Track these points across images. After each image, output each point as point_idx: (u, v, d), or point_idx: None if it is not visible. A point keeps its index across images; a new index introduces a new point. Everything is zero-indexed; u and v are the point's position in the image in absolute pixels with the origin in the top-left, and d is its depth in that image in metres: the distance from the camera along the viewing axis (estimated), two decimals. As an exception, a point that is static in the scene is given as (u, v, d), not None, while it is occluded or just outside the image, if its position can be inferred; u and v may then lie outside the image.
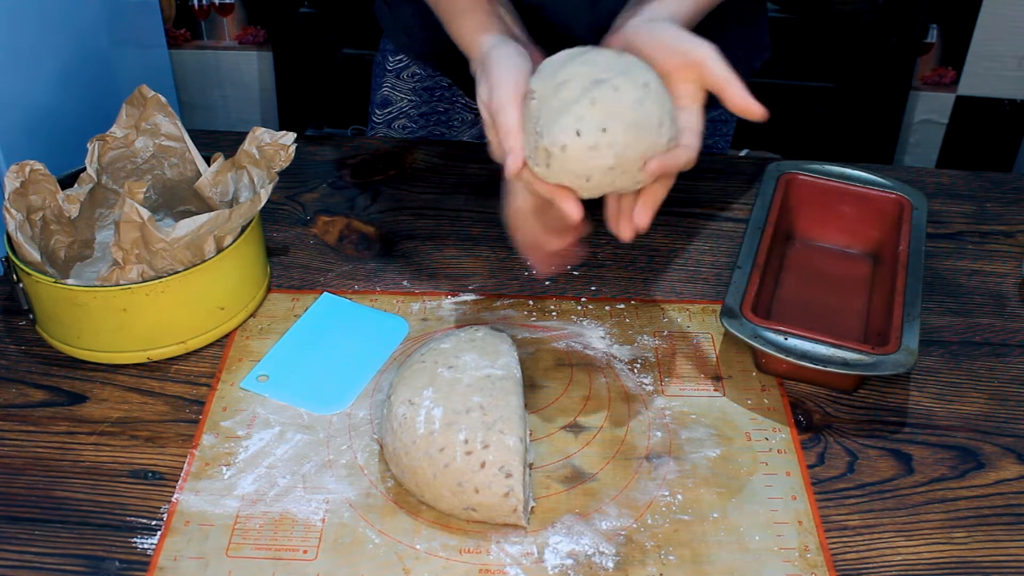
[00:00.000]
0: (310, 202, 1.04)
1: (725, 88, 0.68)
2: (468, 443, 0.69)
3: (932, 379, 0.85)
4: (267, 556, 0.68)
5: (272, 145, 0.88)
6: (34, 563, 0.68)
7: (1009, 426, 0.80)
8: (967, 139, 2.23)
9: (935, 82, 2.17)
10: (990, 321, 0.91)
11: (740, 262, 0.87)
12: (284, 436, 0.77)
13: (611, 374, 0.84)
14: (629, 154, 0.67)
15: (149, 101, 0.91)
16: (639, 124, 0.67)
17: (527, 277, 0.94)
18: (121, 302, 0.79)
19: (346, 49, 2.20)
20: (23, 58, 1.26)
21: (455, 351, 0.75)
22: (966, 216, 1.05)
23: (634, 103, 0.67)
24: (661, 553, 0.69)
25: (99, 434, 0.77)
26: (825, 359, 0.78)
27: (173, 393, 0.81)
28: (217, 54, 2.24)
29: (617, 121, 0.67)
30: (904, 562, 0.70)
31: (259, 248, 0.89)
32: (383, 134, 1.20)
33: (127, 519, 0.71)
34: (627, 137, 0.67)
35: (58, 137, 1.31)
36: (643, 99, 0.67)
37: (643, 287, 0.94)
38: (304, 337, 0.87)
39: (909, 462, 0.77)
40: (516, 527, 0.70)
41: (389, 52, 1.16)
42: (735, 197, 1.07)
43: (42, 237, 0.85)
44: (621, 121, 0.67)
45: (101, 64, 1.49)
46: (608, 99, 0.67)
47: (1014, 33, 2.09)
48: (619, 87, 0.67)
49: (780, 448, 0.78)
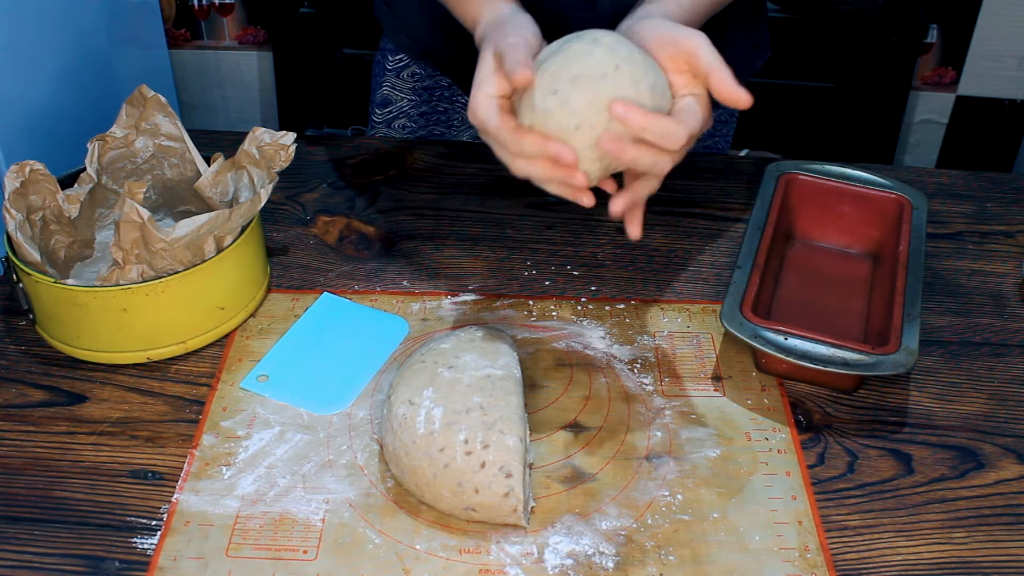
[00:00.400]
0: (310, 202, 1.04)
1: (712, 74, 0.68)
2: (468, 443, 0.69)
3: (932, 379, 0.85)
4: (267, 556, 0.68)
5: (272, 145, 0.88)
6: (34, 563, 0.68)
7: (1009, 426, 0.80)
8: (967, 139, 2.23)
9: (935, 82, 2.18)
10: (990, 321, 0.91)
11: (740, 262, 0.87)
12: (284, 436, 0.77)
13: (611, 374, 0.84)
14: (590, 112, 0.67)
15: (149, 101, 0.91)
16: (604, 82, 0.67)
17: (527, 277, 0.94)
18: (121, 302, 0.79)
19: (346, 49, 2.21)
20: (23, 58, 1.26)
21: (455, 351, 0.75)
22: (966, 216, 1.05)
23: (606, 67, 0.67)
24: (661, 553, 0.69)
25: (99, 434, 0.77)
26: (825, 359, 0.78)
27: (173, 393, 0.81)
28: (217, 54, 2.24)
29: (582, 80, 0.67)
30: (904, 562, 0.70)
31: (259, 248, 0.89)
32: (383, 134, 1.20)
33: (127, 519, 0.71)
34: (588, 96, 0.67)
35: (58, 137, 1.31)
36: (618, 65, 0.67)
37: (643, 287, 0.94)
38: (304, 337, 0.87)
39: (909, 462, 0.77)
40: (516, 527, 0.70)
41: (389, 52, 1.16)
42: (735, 197, 1.07)
43: (42, 237, 0.85)
44: (585, 79, 0.67)
45: (101, 64, 1.49)
46: (581, 63, 0.67)
47: (1014, 33, 2.09)
48: (595, 54, 0.68)
49: (780, 448, 0.78)
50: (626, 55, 0.69)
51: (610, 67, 0.68)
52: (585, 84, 0.67)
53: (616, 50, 0.69)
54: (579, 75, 0.68)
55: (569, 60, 0.69)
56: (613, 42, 0.69)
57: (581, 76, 0.68)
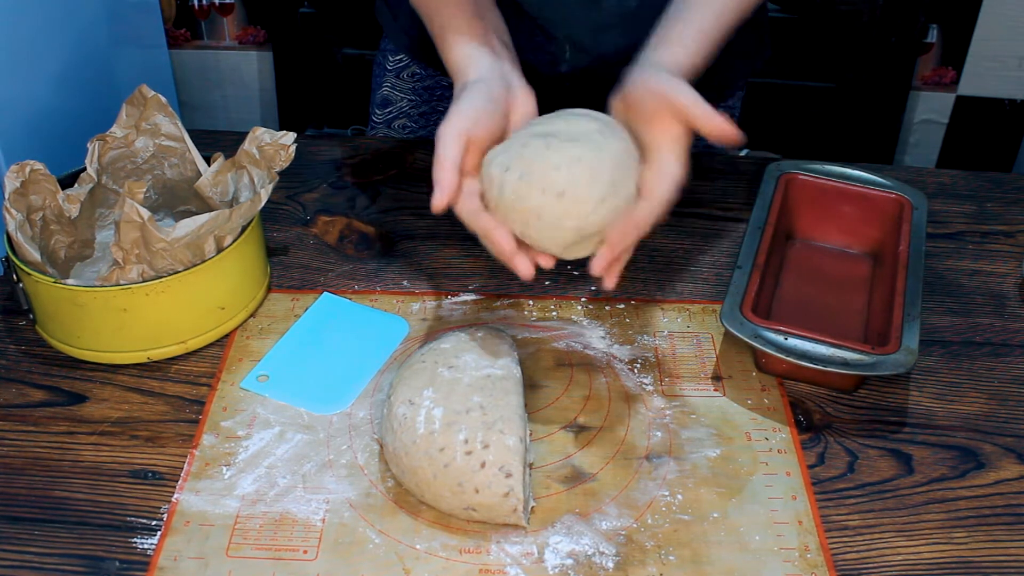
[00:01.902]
0: (310, 202, 1.04)
1: (704, 123, 0.71)
2: (468, 443, 0.69)
3: (932, 379, 0.85)
4: (267, 556, 0.68)
5: (272, 145, 0.88)
6: (34, 563, 0.68)
7: (1009, 426, 0.80)
8: (967, 139, 2.23)
9: (935, 82, 2.17)
10: (990, 321, 0.91)
11: (740, 262, 0.87)
12: (284, 436, 0.77)
13: (611, 374, 0.84)
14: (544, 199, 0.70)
15: (149, 101, 0.91)
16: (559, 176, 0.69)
17: (527, 277, 0.94)
18: (121, 302, 0.79)
19: (346, 49, 2.20)
20: (23, 58, 1.26)
21: (455, 351, 0.75)
22: (966, 216, 1.05)
23: (562, 159, 0.70)
24: (661, 553, 0.69)
25: (99, 434, 0.77)
26: (825, 359, 0.78)
27: (173, 393, 0.81)
28: (217, 54, 2.24)
29: (534, 166, 0.70)
30: (904, 562, 0.70)
31: (259, 248, 0.89)
32: (383, 134, 1.20)
33: (127, 519, 0.71)
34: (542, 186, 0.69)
35: (58, 137, 1.31)
36: (580, 157, 0.70)
37: (643, 287, 0.94)
38: (304, 337, 0.87)
39: (909, 462, 0.77)
40: (516, 527, 0.70)
41: (389, 52, 1.16)
42: (735, 197, 1.07)
43: (42, 237, 0.85)
44: (539, 167, 0.70)
45: (101, 64, 1.49)
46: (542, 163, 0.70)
47: (1014, 33, 2.09)
48: (552, 159, 0.70)
49: (780, 448, 0.78)
50: (589, 154, 0.70)
51: (567, 161, 0.70)
52: (541, 177, 0.70)
53: (580, 144, 0.71)
54: (536, 171, 0.70)
55: (534, 153, 0.71)
56: (578, 133, 0.72)
57: (538, 172, 0.70)
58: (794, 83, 2.18)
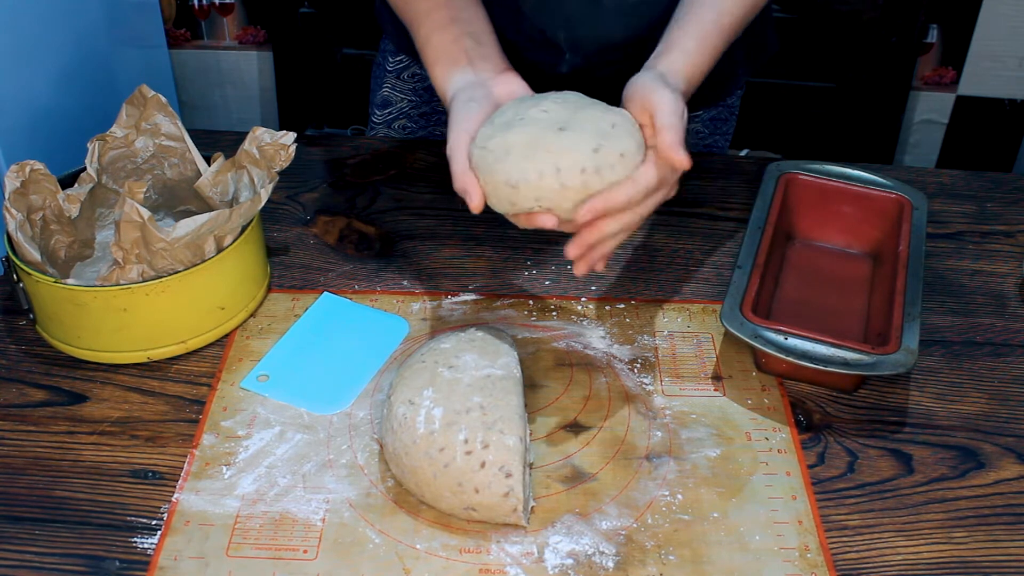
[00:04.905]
0: (310, 202, 1.04)
1: (660, 133, 0.71)
2: (468, 443, 0.69)
3: (932, 379, 0.85)
4: (267, 556, 0.68)
5: (272, 145, 0.88)
6: (34, 563, 0.68)
7: (1009, 426, 0.80)
8: (967, 139, 2.23)
9: (935, 82, 2.17)
10: (991, 321, 0.91)
11: (740, 262, 0.87)
12: (284, 436, 0.77)
13: (611, 374, 0.84)
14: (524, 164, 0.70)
15: (149, 101, 0.91)
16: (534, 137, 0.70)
17: (527, 277, 0.94)
18: (121, 302, 0.79)
19: (346, 49, 2.20)
20: (23, 58, 1.26)
21: (455, 351, 0.75)
22: (966, 216, 1.05)
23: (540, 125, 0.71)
24: (661, 553, 0.69)
25: (99, 434, 0.77)
26: (825, 359, 0.78)
27: (173, 393, 0.81)
28: (217, 54, 2.23)
29: (518, 131, 0.71)
30: (904, 562, 0.70)
31: (259, 248, 0.89)
32: (383, 134, 1.20)
33: (127, 519, 0.71)
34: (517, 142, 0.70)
35: (58, 137, 1.31)
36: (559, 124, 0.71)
37: (643, 287, 0.94)
38: (304, 337, 0.87)
39: (909, 462, 0.77)
40: (516, 527, 0.70)
41: (389, 52, 1.16)
42: (735, 197, 1.07)
43: (42, 237, 0.85)
44: (523, 134, 0.71)
45: (101, 64, 1.49)
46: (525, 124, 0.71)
47: (1014, 33, 2.09)
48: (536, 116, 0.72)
49: (780, 448, 0.78)
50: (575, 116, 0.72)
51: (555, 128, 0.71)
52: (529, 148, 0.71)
53: (562, 110, 0.72)
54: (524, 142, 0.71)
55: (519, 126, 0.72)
56: (560, 105, 0.73)
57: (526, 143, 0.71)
58: (794, 83, 2.18)
